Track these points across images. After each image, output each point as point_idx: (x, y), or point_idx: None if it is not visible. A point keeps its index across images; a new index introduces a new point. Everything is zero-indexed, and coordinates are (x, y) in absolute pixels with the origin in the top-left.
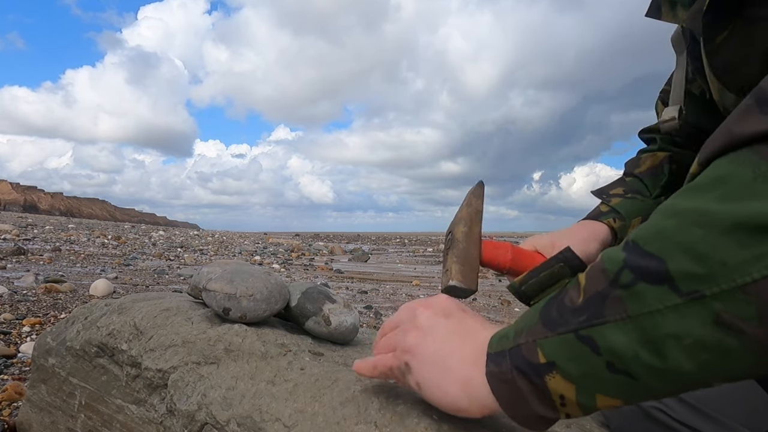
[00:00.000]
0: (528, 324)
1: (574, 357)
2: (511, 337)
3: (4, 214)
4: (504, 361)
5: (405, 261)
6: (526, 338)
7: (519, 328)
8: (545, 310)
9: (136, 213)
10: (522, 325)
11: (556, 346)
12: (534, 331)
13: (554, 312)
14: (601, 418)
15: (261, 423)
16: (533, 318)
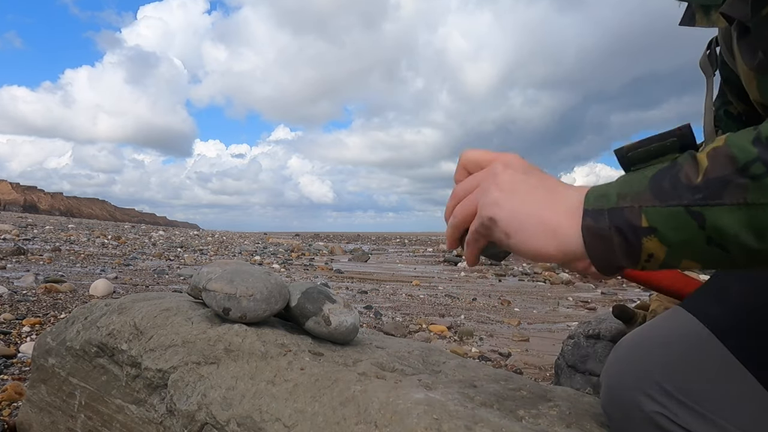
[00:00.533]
0: (634, 190)
1: (677, 227)
2: (613, 198)
3: (4, 214)
4: (602, 218)
5: (405, 261)
6: (631, 203)
7: (623, 192)
8: (655, 181)
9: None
10: (626, 190)
11: (662, 215)
12: (641, 198)
13: (666, 185)
14: (603, 419)
15: (261, 423)
16: (640, 185)
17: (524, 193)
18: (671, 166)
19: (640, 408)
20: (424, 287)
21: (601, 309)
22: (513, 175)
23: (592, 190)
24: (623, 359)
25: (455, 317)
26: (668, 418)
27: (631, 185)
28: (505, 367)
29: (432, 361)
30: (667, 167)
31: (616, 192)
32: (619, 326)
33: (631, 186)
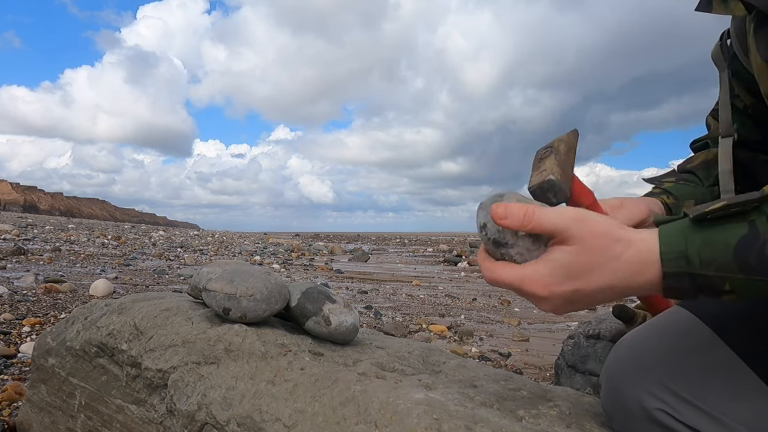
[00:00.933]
0: (719, 260)
1: (755, 290)
2: (696, 263)
3: (4, 214)
4: (684, 281)
5: (405, 261)
6: (716, 272)
7: (706, 258)
8: (740, 253)
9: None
10: (709, 257)
11: (746, 285)
12: (727, 269)
13: (753, 261)
14: (603, 419)
15: (261, 423)
16: (725, 255)
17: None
18: (753, 236)
19: (641, 405)
20: (424, 287)
21: (601, 309)
22: (560, 303)
23: (667, 247)
24: (624, 358)
25: (455, 317)
26: (670, 415)
27: (715, 253)
28: (505, 367)
29: (432, 361)
30: (750, 238)
31: (698, 257)
32: (619, 326)
33: (715, 254)
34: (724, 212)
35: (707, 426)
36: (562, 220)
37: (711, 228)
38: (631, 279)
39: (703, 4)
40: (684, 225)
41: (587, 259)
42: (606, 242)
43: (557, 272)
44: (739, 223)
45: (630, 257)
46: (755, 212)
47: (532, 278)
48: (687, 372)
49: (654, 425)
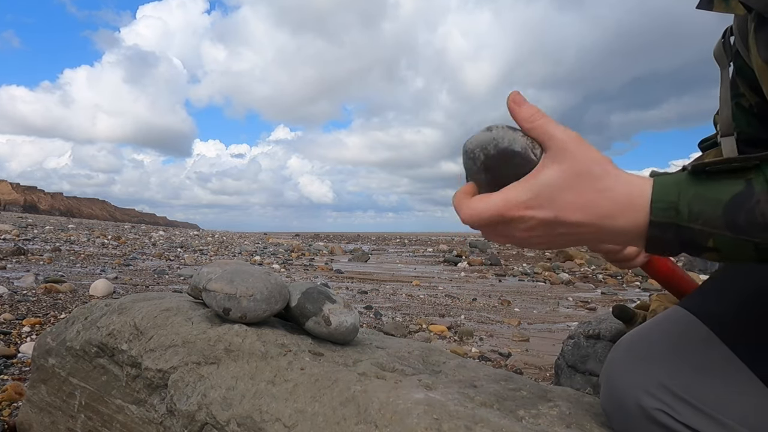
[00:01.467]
0: (708, 214)
1: (739, 251)
2: (684, 215)
3: (4, 214)
4: (669, 232)
5: (405, 261)
6: (702, 227)
7: (695, 211)
8: (731, 211)
9: (136, 213)
10: (699, 209)
11: (730, 243)
12: (714, 224)
13: (742, 219)
14: (603, 419)
15: (261, 423)
16: (714, 210)
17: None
18: (747, 194)
19: (640, 405)
20: (424, 287)
21: (601, 309)
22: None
23: (659, 195)
24: (623, 357)
25: (455, 317)
26: (669, 416)
27: (704, 206)
28: (505, 367)
29: (432, 361)
30: (743, 195)
31: (687, 209)
32: (619, 326)
33: (705, 207)
34: (724, 167)
35: (706, 426)
36: (564, 133)
37: (707, 182)
38: (614, 217)
39: (704, 2)
40: (680, 178)
41: (575, 183)
42: (599, 170)
43: (542, 191)
44: (736, 180)
45: (618, 193)
46: (754, 171)
47: (515, 200)
48: (686, 372)
49: (653, 425)
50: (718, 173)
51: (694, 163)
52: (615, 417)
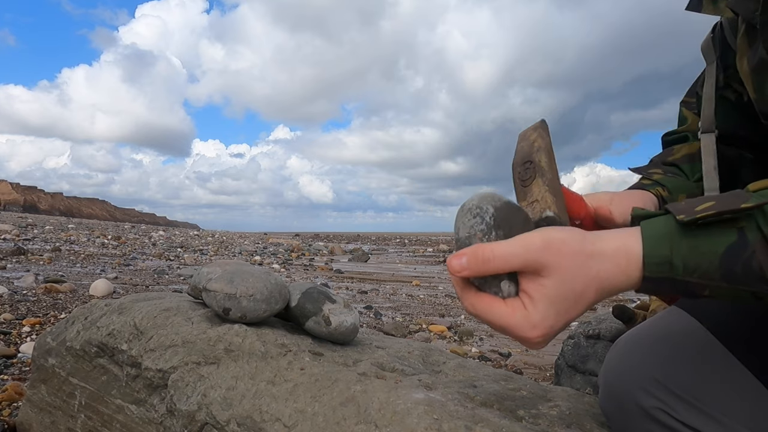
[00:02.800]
0: (703, 268)
1: (735, 298)
2: (679, 270)
3: (4, 214)
4: (664, 285)
5: (405, 261)
6: (698, 280)
7: (690, 265)
8: (727, 262)
9: (137, 213)
10: (694, 263)
11: (726, 292)
12: (710, 277)
13: (739, 271)
14: (602, 419)
15: (261, 423)
16: (710, 264)
17: None
18: (741, 245)
19: (638, 404)
20: (424, 287)
21: (601, 309)
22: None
23: (650, 250)
24: (621, 357)
25: (455, 317)
26: (667, 414)
27: (700, 259)
28: (505, 367)
29: (432, 361)
30: (738, 246)
31: (682, 263)
32: (619, 326)
33: (700, 260)
34: (715, 219)
35: (704, 424)
36: (528, 252)
37: (699, 233)
38: (613, 289)
39: (693, 4)
40: (670, 228)
41: (571, 288)
42: (582, 260)
43: (547, 312)
44: (729, 230)
45: (609, 271)
46: (746, 219)
47: (522, 326)
48: (684, 371)
49: (652, 424)
50: (710, 224)
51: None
52: (614, 416)
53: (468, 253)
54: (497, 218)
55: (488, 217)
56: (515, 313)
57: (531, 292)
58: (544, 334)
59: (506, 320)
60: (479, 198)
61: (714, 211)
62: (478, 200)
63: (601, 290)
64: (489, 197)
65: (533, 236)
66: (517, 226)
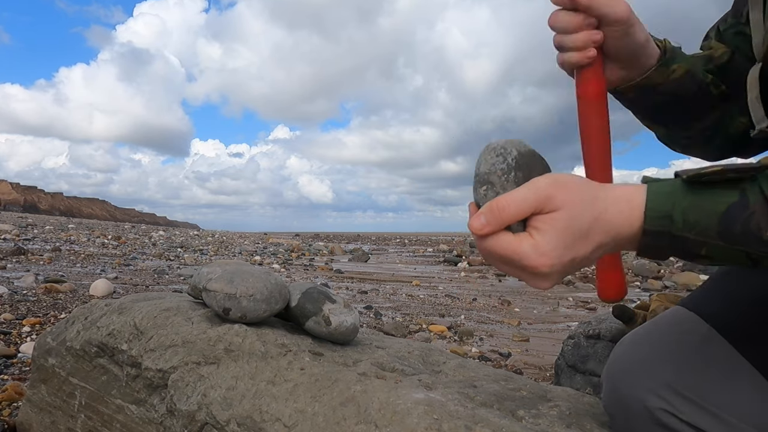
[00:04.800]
0: (702, 224)
1: (732, 259)
2: (678, 224)
3: (4, 214)
4: (663, 239)
5: (405, 261)
6: (696, 236)
7: (689, 220)
8: (726, 221)
9: (137, 213)
10: (694, 219)
11: (723, 252)
12: (708, 234)
13: (738, 229)
14: (603, 419)
15: (261, 423)
16: (709, 220)
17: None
18: (742, 205)
19: (643, 405)
20: (424, 287)
21: (601, 309)
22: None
23: (653, 204)
24: (625, 357)
25: (455, 317)
26: (673, 415)
27: (699, 215)
28: (505, 367)
29: (432, 361)
30: (739, 206)
31: (682, 218)
32: (619, 326)
33: (699, 216)
34: (720, 177)
35: (710, 424)
36: (538, 190)
37: (702, 191)
38: (617, 236)
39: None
40: (675, 186)
41: (579, 221)
42: (588, 198)
43: (557, 242)
44: (731, 190)
45: (613, 214)
46: (749, 181)
47: (533, 252)
48: (688, 370)
49: (656, 425)
50: (713, 183)
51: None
52: (618, 417)
53: (485, 211)
54: (519, 161)
55: (510, 158)
56: (523, 243)
57: (539, 225)
58: (552, 264)
59: (514, 248)
60: (506, 141)
61: (719, 168)
62: (504, 142)
63: (606, 233)
64: (516, 141)
65: (541, 178)
66: (536, 172)
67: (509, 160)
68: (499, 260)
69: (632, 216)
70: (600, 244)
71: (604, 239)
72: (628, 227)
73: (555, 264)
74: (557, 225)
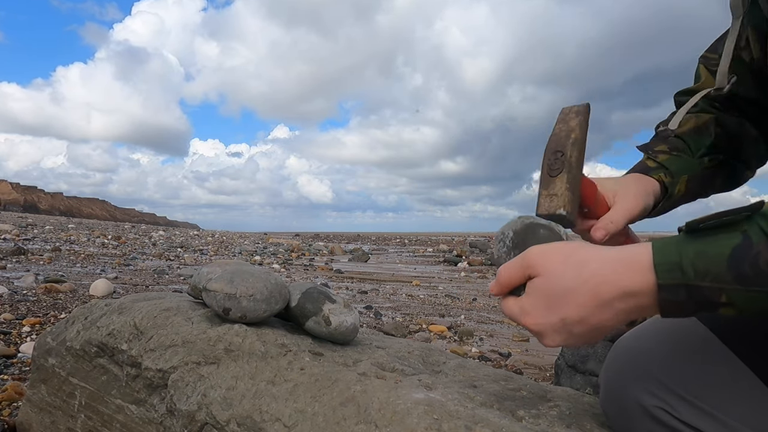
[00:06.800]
0: (714, 271)
1: (755, 303)
2: (690, 274)
3: (4, 214)
4: (680, 293)
5: (405, 261)
6: (711, 284)
7: (700, 269)
8: (735, 263)
9: (137, 213)
10: (704, 267)
11: (743, 297)
12: (722, 280)
13: (748, 270)
14: (603, 419)
15: (261, 423)
16: (719, 266)
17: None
18: (746, 245)
19: (640, 404)
20: (424, 287)
21: None
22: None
23: (659, 257)
24: (622, 357)
25: (455, 317)
26: (668, 413)
27: (709, 263)
28: (505, 367)
29: (432, 361)
30: (743, 247)
31: (692, 268)
32: (619, 326)
33: (709, 264)
34: (717, 222)
35: (706, 424)
36: (523, 260)
37: (704, 238)
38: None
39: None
40: (678, 237)
41: (559, 284)
42: (572, 263)
43: (537, 304)
44: (732, 233)
45: (603, 274)
46: (747, 222)
47: (520, 312)
48: (685, 370)
49: (653, 424)
50: (713, 228)
51: (687, 222)
52: (615, 416)
53: (496, 277)
54: (515, 240)
55: (508, 240)
56: (515, 304)
57: (527, 289)
58: (537, 323)
59: (509, 308)
60: (506, 225)
61: (715, 214)
62: (504, 227)
63: (596, 293)
64: (513, 223)
65: (534, 247)
66: (530, 244)
67: (507, 243)
68: (508, 318)
69: (643, 274)
70: (591, 302)
71: (596, 298)
72: (639, 284)
73: (542, 323)
74: (536, 289)
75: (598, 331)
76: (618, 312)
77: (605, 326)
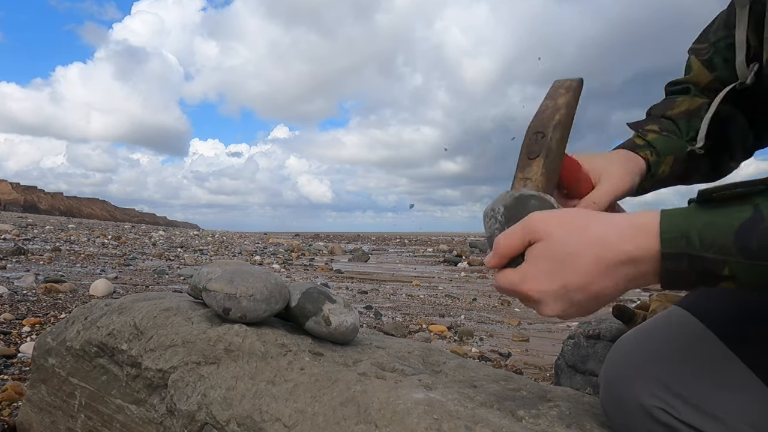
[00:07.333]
0: (720, 242)
1: (757, 276)
2: (695, 244)
3: (4, 214)
4: (682, 262)
5: (405, 261)
6: (715, 255)
7: (706, 239)
8: (742, 236)
9: (137, 213)
10: (710, 237)
11: (746, 269)
12: (727, 252)
13: (754, 244)
14: (602, 419)
15: (261, 423)
16: (726, 238)
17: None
18: (756, 219)
19: (640, 404)
20: (424, 287)
21: (601, 309)
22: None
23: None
24: (622, 356)
25: (455, 317)
26: (668, 413)
27: (715, 233)
28: (505, 367)
29: (432, 361)
30: (753, 221)
31: (698, 238)
32: (619, 326)
33: (716, 235)
34: (730, 193)
35: (706, 423)
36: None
37: (715, 209)
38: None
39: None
40: (689, 208)
41: (561, 249)
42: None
43: (539, 269)
44: (743, 206)
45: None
46: (760, 196)
47: (520, 280)
48: (685, 370)
49: (653, 423)
50: (725, 200)
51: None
52: (615, 416)
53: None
54: (507, 215)
55: (500, 215)
56: (515, 273)
57: (527, 255)
58: (539, 289)
59: (508, 277)
60: (494, 201)
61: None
62: (492, 203)
63: (602, 257)
64: (501, 198)
65: (534, 213)
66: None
67: (499, 218)
68: (504, 291)
69: (648, 240)
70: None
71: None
72: (644, 251)
73: (544, 290)
74: (538, 253)
75: (598, 301)
76: (620, 279)
77: (606, 295)
